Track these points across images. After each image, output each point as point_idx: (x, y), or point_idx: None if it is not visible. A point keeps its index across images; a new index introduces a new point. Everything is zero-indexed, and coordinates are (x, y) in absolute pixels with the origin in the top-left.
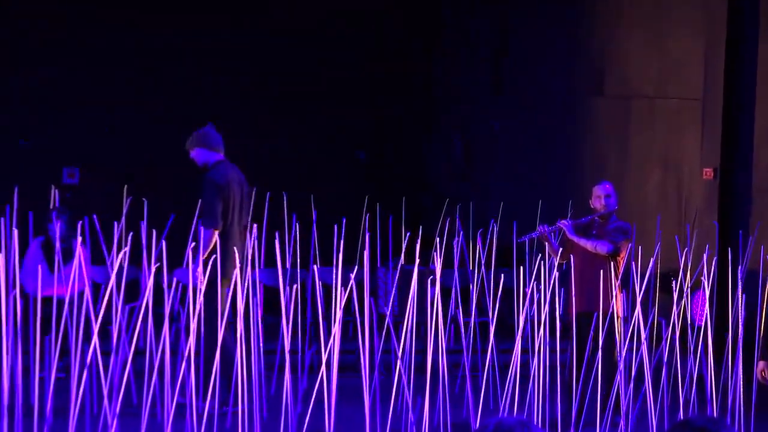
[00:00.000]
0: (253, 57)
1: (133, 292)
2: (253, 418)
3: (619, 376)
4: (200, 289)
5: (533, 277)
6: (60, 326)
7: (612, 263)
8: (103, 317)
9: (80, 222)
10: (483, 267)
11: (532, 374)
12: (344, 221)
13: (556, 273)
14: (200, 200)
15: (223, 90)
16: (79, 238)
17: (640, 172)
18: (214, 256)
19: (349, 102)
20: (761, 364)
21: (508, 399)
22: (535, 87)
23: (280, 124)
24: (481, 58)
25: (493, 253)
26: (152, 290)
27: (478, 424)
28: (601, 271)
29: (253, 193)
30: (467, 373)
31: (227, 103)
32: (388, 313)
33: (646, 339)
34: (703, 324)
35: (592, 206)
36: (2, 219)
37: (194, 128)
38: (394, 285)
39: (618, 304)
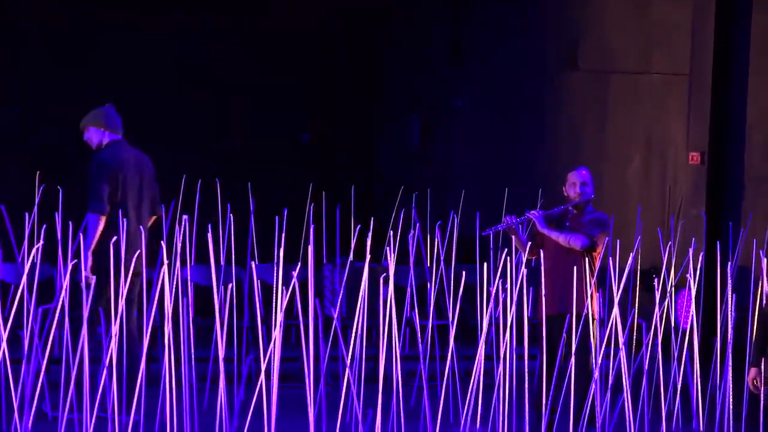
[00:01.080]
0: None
1: (47, 292)
2: None
3: (594, 385)
4: (87, 286)
5: (498, 274)
6: None
7: (587, 259)
8: (12, 321)
9: None
10: (442, 263)
11: (496, 383)
12: (285, 212)
13: (524, 270)
14: (86, 182)
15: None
16: None
17: (620, 156)
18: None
19: (292, 79)
20: (753, 371)
21: (470, 411)
22: (501, 60)
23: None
24: (440, 26)
25: (454, 247)
26: (68, 290)
27: None
28: (575, 267)
29: (183, 180)
30: (424, 382)
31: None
32: (335, 315)
33: (624, 344)
34: (688, 327)
35: (565, 195)
36: None
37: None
38: (342, 284)
39: (593, 305)
